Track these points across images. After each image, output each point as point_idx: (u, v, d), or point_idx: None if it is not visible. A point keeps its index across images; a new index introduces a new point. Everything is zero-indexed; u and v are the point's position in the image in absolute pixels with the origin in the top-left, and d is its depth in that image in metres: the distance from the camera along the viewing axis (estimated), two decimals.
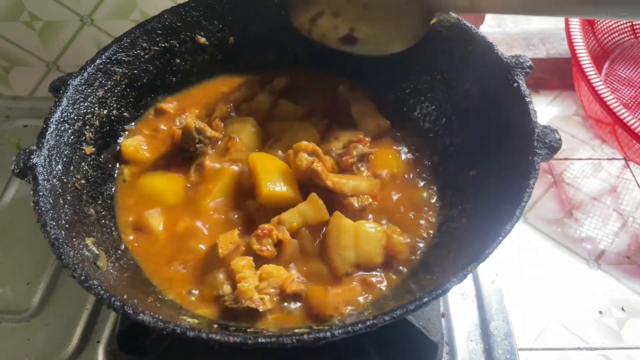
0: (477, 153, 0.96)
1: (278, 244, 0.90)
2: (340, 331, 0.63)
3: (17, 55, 1.45)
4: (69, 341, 0.99)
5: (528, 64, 0.88)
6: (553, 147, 0.78)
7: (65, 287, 1.08)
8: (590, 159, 1.40)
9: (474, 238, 0.80)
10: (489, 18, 1.73)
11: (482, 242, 0.74)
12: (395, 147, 1.08)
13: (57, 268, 1.11)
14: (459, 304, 1.03)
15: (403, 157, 1.06)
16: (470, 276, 1.05)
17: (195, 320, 0.77)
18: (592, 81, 1.23)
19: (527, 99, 0.84)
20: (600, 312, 1.10)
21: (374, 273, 0.89)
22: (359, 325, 0.63)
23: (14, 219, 1.21)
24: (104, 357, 0.98)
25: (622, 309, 1.10)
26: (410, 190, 1.01)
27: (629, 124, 1.17)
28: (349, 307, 0.83)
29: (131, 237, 0.94)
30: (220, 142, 1.04)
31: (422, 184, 1.02)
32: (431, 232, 0.95)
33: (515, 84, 0.87)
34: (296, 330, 0.77)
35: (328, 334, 0.62)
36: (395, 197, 0.99)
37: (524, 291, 1.12)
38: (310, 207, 0.91)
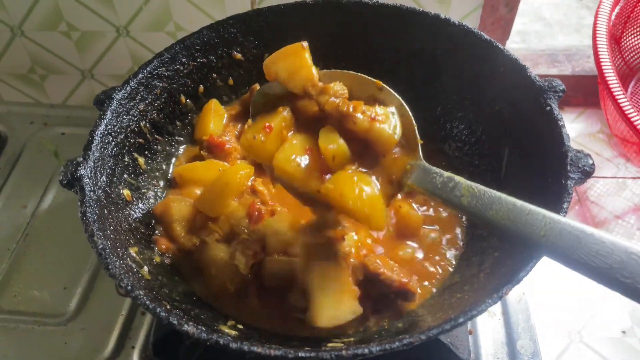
0: (507, 174, 0.97)
1: None
2: (377, 348, 0.65)
3: (53, 64, 1.50)
4: (104, 346, 1.02)
5: (561, 88, 0.89)
6: (586, 172, 0.79)
7: (101, 293, 1.12)
8: (614, 177, 1.40)
9: (506, 258, 0.82)
10: (514, 33, 1.73)
11: (514, 263, 0.75)
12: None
13: (93, 273, 1.14)
14: (486, 321, 1.04)
15: None
16: None
17: (234, 332, 0.79)
18: (618, 100, 1.23)
19: (560, 123, 0.85)
20: (624, 332, 1.10)
21: None
22: (396, 343, 0.65)
23: (51, 224, 1.24)
24: None
25: None
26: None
27: None
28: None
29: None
30: None
31: None
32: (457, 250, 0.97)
33: (548, 108, 0.88)
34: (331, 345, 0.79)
35: (366, 350, 0.64)
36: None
37: (546, 310, 1.12)
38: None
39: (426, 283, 0.94)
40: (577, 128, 1.53)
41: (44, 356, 1.03)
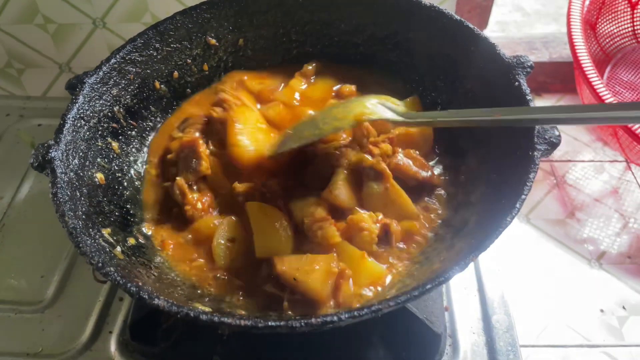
0: (478, 150, 0.98)
1: None
2: (346, 315, 0.65)
3: (30, 57, 1.49)
4: (82, 331, 1.02)
5: (529, 64, 0.90)
6: (552, 143, 0.80)
7: (78, 280, 1.11)
8: (592, 161, 1.42)
9: (476, 232, 0.83)
10: (493, 23, 1.75)
11: (484, 234, 0.76)
12: None
13: (70, 261, 1.14)
14: (461, 298, 1.05)
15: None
16: (472, 271, 1.08)
17: (208, 308, 0.79)
18: (593, 84, 1.25)
19: (528, 97, 0.86)
20: (602, 311, 1.12)
21: None
22: (365, 310, 0.65)
23: (28, 214, 1.24)
24: (116, 346, 1.00)
25: (623, 307, 1.11)
26: None
27: (629, 126, 1.19)
28: None
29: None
30: None
31: None
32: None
33: (517, 83, 0.89)
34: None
35: (335, 317, 0.65)
36: None
37: (526, 290, 1.13)
38: None
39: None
40: None
41: (22, 343, 1.02)
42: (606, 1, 1.50)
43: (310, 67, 1.20)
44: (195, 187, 0.99)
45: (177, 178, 0.98)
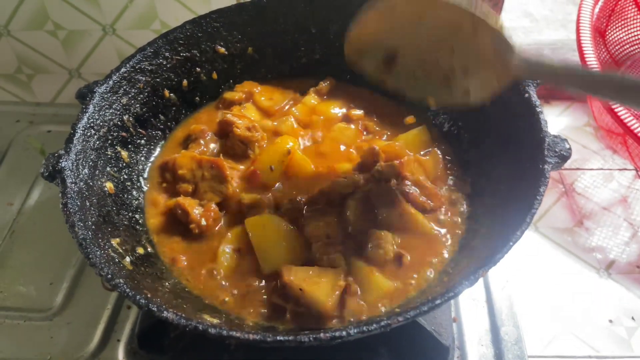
0: (488, 162, 0.98)
1: None
2: (355, 330, 0.65)
3: (40, 63, 1.50)
4: (90, 339, 1.03)
5: None
6: (563, 156, 0.80)
7: (87, 288, 1.12)
8: (601, 169, 1.41)
9: (486, 245, 0.83)
10: None
11: (493, 247, 0.76)
12: None
13: (79, 269, 1.15)
14: (470, 309, 1.05)
15: None
16: (481, 282, 1.08)
17: (216, 320, 0.79)
18: None
19: (538, 109, 0.86)
20: (610, 321, 1.11)
21: None
22: (374, 325, 0.65)
23: (37, 221, 1.25)
24: (124, 355, 1.01)
25: (632, 318, 1.10)
26: None
27: (639, 134, 1.18)
28: None
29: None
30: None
31: None
32: None
33: (527, 94, 0.89)
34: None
35: (344, 332, 0.65)
36: None
37: (534, 299, 1.12)
38: None
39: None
40: (564, 121, 1.54)
41: (30, 351, 1.03)
42: (616, 8, 1.50)
43: (324, 84, 1.21)
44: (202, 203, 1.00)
45: (179, 199, 0.99)
